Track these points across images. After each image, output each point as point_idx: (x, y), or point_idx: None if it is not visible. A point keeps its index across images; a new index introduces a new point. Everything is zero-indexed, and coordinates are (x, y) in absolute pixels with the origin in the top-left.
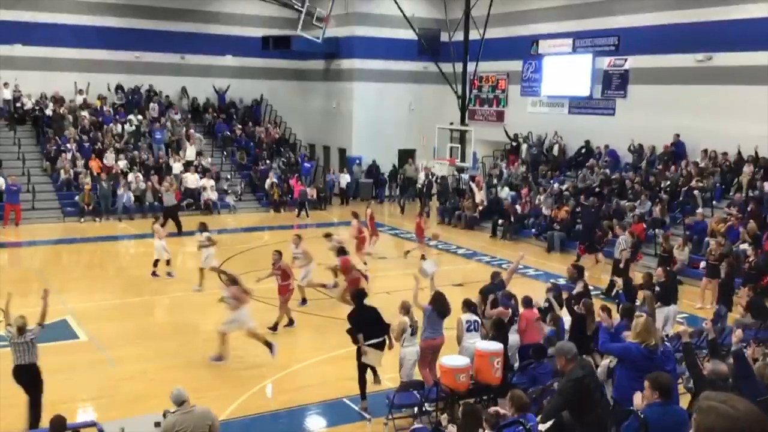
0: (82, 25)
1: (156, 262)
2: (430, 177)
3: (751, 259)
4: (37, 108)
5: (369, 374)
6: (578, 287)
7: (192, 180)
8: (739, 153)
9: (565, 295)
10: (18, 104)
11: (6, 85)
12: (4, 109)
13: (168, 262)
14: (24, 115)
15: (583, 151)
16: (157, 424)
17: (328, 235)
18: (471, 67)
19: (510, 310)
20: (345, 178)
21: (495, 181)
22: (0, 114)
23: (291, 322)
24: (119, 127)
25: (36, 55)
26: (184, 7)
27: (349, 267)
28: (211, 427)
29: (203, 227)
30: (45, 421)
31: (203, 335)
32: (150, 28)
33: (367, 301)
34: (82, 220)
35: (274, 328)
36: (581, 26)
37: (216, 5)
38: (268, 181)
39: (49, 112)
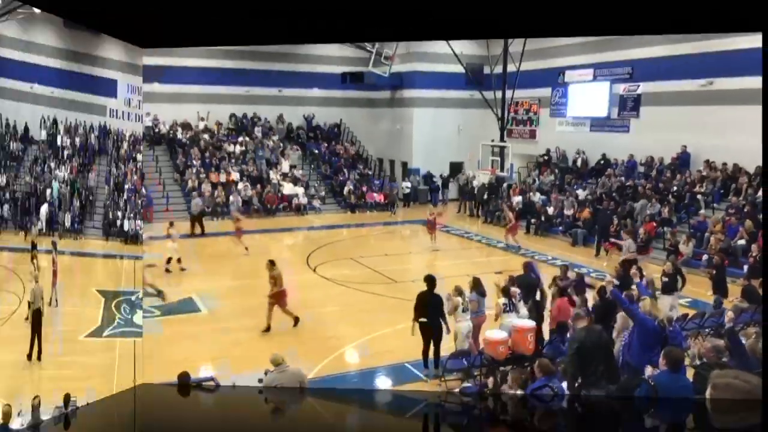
0: (205, 66)
1: (169, 260)
2: (474, 184)
3: (755, 254)
4: (170, 132)
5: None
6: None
7: (288, 188)
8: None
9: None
10: (156, 129)
11: (148, 114)
12: (146, 134)
13: (179, 260)
14: (160, 138)
15: (602, 162)
16: (260, 380)
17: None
18: (509, 94)
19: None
20: (407, 186)
21: (529, 189)
22: (143, 137)
23: (296, 321)
24: (232, 147)
25: (169, 91)
26: (280, 51)
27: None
28: (301, 383)
29: None
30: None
31: (295, 312)
32: (255, 68)
33: None
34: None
35: (268, 329)
36: (600, 59)
37: (305, 48)
38: (345, 189)
39: (180, 136)
